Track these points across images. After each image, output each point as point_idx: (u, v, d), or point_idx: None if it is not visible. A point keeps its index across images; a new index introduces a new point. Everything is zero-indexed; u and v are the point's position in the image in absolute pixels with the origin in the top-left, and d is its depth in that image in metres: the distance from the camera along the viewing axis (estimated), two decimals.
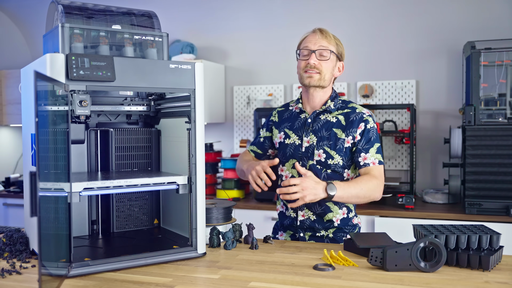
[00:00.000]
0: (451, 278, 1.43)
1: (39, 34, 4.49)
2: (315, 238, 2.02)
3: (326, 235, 2.01)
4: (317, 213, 1.99)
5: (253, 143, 2.20)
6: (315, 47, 1.96)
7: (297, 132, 2.03)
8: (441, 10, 3.57)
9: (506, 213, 2.87)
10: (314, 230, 2.01)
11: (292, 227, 2.05)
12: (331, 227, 2.00)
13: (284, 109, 2.15)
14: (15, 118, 4.25)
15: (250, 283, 1.42)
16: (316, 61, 1.95)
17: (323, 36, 1.97)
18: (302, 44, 2.01)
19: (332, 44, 1.98)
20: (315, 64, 1.95)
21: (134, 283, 1.44)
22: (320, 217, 2.00)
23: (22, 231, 1.98)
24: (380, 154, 1.97)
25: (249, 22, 4.04)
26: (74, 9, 1.69)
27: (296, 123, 2.06)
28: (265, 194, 3.40)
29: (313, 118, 2.01)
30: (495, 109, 3.05)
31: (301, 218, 2.01)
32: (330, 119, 2.00)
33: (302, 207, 2.00)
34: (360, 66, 3.75)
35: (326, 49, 1.96)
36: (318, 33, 1.98)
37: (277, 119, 2.14)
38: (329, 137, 1.97)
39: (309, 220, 2.00)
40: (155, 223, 2.05)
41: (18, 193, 3.99)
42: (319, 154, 1.97)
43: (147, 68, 1.62)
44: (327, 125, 1.99)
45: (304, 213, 2.01)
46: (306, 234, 2.02)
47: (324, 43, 1.97)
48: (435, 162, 3.62)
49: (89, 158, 1.94)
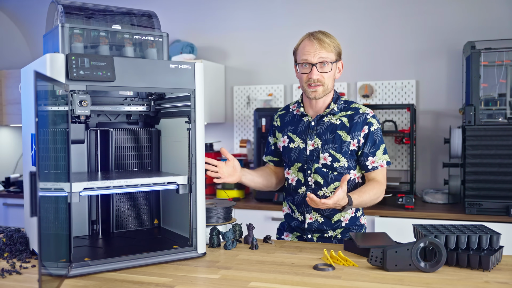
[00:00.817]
0: (451, 278, 1.43)
1: (39, 34, 4.49)
2: (323, 239, 2.01)
3: (334, 235, 2.00)
4: (325, 215, 1.99)
5: (267, 153, 2.19)
6: (315, 60, 1.90)
7: (301, 136, 2.01)
8: (441, 10, 3.57)
9: (506, 213, 2.87)
10: (322, 232, 2.00)
11: (300, 229, 2.04)
12: (339, 227, 2.00)
13: (285, 112, 2.13)
14: (15, 118, 4.24)
15: (250, 283, 1.42)
16: (319, 75, 1.90)
17: (321, 46, 1.89)
18: (300, 55, 1.94)
19: (331, 51, 1.91)
20: (318, 78, 1.91)
21: (134, 283, 1.44)
22: (328, 219, 1.99)
23: (22, 231, 1.97)
24: (386, 154, 1.98)
25: (249, 22, 4.04)
26: (74, 9, 1.69)
27: (300, 126, 2.03)
28: (265, 194, 3.40)
29: (317, 121, 1.99)
30: (495, 109, 3.05)
31: (308, 220, 2.00)
32: (334, 121, 1.98)
33: (309, 210, 1.99)
34: (360, 66, 3.75)
35: (327, 60, 1.90)
36: (315, 43, 1.90)
37: (279, 123, 2.12)
38: (334, 140, 1.95)
39: (317, 223, 2.00)
40: (155, 223, 2.05)
41: (18, 193, 3.99)
42: (325, 158, 1.95)
43: (147, 68, 1.62)
44: (331, 128, 1.97)
45: (311, 215, 2.00)
46: (314, 235, 2.02)
47: (324, 53, 1.90)
48: (435, 162, 3.62)
49: (89, 158, 1.94)
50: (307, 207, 1.99)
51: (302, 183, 2.01)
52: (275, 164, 2.17)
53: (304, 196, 1.99)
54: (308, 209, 1.99)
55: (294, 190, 2.03)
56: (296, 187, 2.02)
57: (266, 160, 2.20)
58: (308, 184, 1.99)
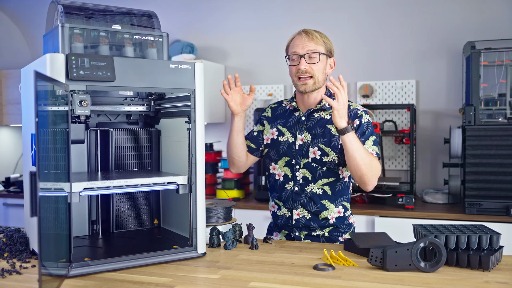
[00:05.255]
0: (451, 278, 1.43)
1: (39, 34, 4.49)
2: (310, 238, 2.01)
3: (322, 234, 2.01)
4: (312, 212, 1.99)
5: (246, 137, 2.16)
6: (303, 51, 1.94)
7: (291, 130, 2.03)
8: (441, 10, 3.57)
9: (506, 213, 2.87)
10: (310, 229, 2.01)
11: (287, 226, 2.05)
12: (326, 225, 2.00)
13: (277, 105, 2.15)
14: (15, 118, 4.24)
15: (250, 283, 1.42)
16: (307, 65, 1.93)
17: (309, 38, 1.94)
18: (290, 49, 2.00)
19: (319, 44, 1.95)
20: (306, 69, 1.93)
21: (134, 283, 1.44)
22: (315, 216, 1.99)
23: (22, 231, 1.98)
24: (376, 146, 1.95)
25: (249, 22, 4.04)
26: (74, 9, 1.69)
27: (290, 120, 2.05)
28: (265, 194, 3.40)
29: (307, 116, 2.01)
30: (495, 109, 3.05)
31: (296, 217, 2.01)
32: (324, 116, 1.99)
33: (296, 206, 2.00)
34: (360, 66, 3.75)
35: (315, 51, 1.94)
36: (303, 35, 1.95)
37: (270, 115, 2.13)
38: (324, 134, 1.96)
39: (304, 219, 2.00)
40: (155, 223, 2.05)
41: (18, 193, 3.99)
42: (314, 152, 1.96)
43: (147, 68, 1.62)
44: (321, 122, 1.98)
45: (299, 211, 2.00)
46: (301, 233, 2.02)
47: (311, 45, 1.94)
48: (435, 162, 3.61)
49: (89, 158, 1.94)
50: (294, 203, 2.00)
51: (289, 179, 2.01)
52: (249, 150, 2.14)
53: (292, 191, 2.00)
54: (296, 205, 2.00)
55: (281, 186, 2.04)
56: (283, 182, 2.03)
57: None
58: (296, 179, 1.99)
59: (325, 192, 1.99)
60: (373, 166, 1.87)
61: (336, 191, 2.00)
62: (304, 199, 1.99)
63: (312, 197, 1.99)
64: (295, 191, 2.00)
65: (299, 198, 2.00)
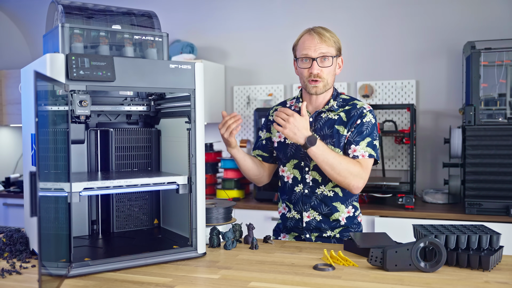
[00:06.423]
0: (451, 278, 1.43)
1: (39, 34, 4.49)
2: (321, 239, 2.00)
3: (333, 235, 2.00)
4: (323, 213, 1.98)
5: (256, 147, 2.16)
6: (315, 54, 1.90)
7: None
8: (441, 10, 3.57)
9: (506, 213, 2.87)
10: (321, 231, 1.99)
11: (297, 228, 2.03)
12: (337, 226, 1.99)
13: (281, 107, 2.11)
14: (15, 118, 4.25)
15: (250, 283, 1.42)
16: (319, 69, 1.90)
17: (321, 40, 1.89)
18: (300, 50, 1.94)
19: (331, 45, 1.91)
20: (318, 73, 1.91)
21: (134, 283, 1.44)
22: (326, 217, 1.98)
23: (22, 231, 1.97)
24: (371, 148, 1.92)
25: (249, 22, 4.04)
26: (74, 9, 1.69)
27: None
28: (265, 194, 3.40)
29: (315, 118, 1.99)
30: (495, 109, 3.05)
31: (306, 219, 1.99)
32: (332, 116, 1.97)
33: (307, 208, 1.99)
34: (360, 66, 3.75)
35: (327, 54, 1.90)
36: (316, 37, 1.90)
37: None
38: (332, 134, 1.95)
39: (315, 221, 1.98)
40: (155, 223, 2.05)
41: (18, 193, 3.99)
42: None
43: (147, 68, 1.62)
44: (329, 123, 1.96)
45: (309, 214, 1.99)
46: (312, 235, 2.00)
47: (324, 48, 1.90)
48: (435, 162, 3.62)
49: (89, 158, 1.94)
50: (304, 205, 1.99)
51: (299, 181, 2.00)
52: (263, 159, 2.14)
53: (302, 194, 1.99)
54: (306, 207, 1.99)
55: (291, 189, 2.03)
56: (292, 185, 2.02)
57: (254, 155, 2.16)
58: (305, 182, 1.98)
59: (336, 194, 1.97)
60: (352, 170, 1.85)
61: (347, 192, 1.97)
62: (315, 201, 1.98)
63: (324, 199, 1.97)
64: (305, 193, 1.99)
65: (309, 200, 1.98)
